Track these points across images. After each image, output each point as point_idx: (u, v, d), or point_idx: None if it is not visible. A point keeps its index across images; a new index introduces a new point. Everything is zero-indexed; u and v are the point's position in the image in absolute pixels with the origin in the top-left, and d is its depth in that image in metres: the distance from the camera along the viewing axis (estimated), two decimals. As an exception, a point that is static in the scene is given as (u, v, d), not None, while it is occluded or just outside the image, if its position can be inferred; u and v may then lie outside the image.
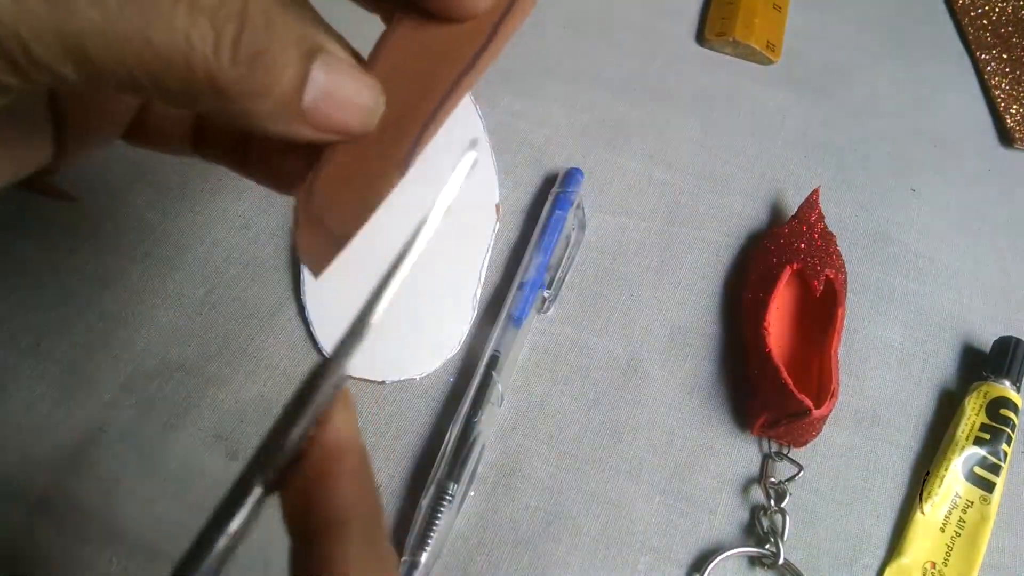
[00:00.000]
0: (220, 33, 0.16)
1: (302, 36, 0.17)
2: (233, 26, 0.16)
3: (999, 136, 0.51)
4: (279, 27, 0.17)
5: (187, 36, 0.16)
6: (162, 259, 0.41)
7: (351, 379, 0.38)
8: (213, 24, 0.16)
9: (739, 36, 0.53)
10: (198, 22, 0.16)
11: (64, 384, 0.37)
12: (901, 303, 0.43)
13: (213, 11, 0.16)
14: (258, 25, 0.16)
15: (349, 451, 0.17)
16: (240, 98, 0.17)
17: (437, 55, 0.20)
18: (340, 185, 0.20)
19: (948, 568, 0.35)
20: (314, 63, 0.17)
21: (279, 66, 0.17)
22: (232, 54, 0.16)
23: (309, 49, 0.17)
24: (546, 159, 0.47)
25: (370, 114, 0.19)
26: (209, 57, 0.16)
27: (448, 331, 0.40)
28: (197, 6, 0.16)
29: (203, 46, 0.16)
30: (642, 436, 0.38)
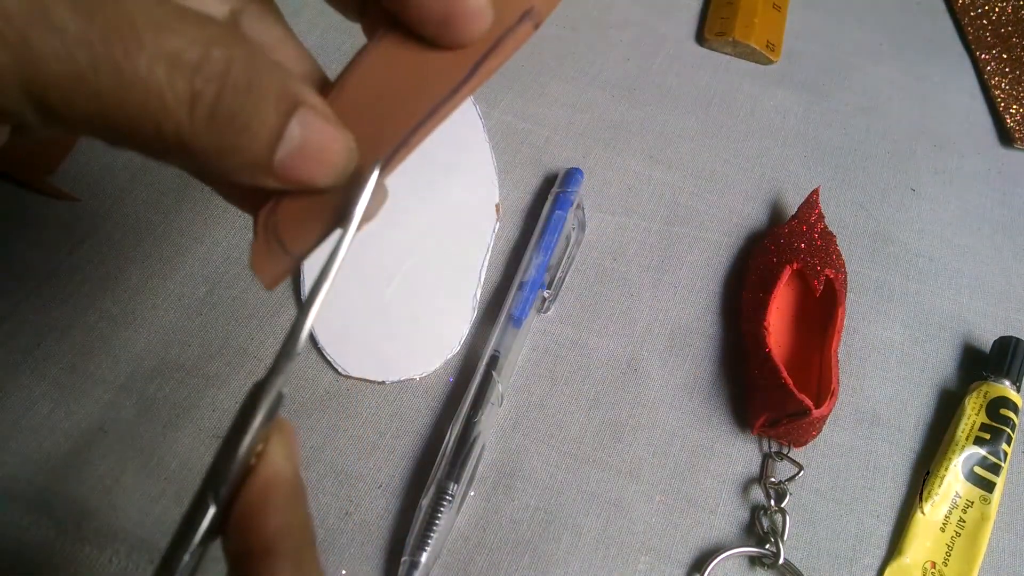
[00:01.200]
0: (198, 95, 0.15)
1: (282, 90, 0.17)
2: (213, 88, 0.15)
3: (999, 136, 0.51)
4: (261, 85, 0.16)
5: (161, 97, 0.15)
6: (162, 259, 0.41)
7: (351, 379, 0.38)
8: (192, 85, 0.15)
9: (739, 36, 0.53)
10: (176, 82, 0.15)
11: (64, 384, 0.37)
12: (901, 303, 0.43)
13: (194, 70, 0.15)
14: (240, 86, 0.16)
15: (282, 482, 0.18)
16: (208, 156, 0.16)
17: (417, 78, 0.20)
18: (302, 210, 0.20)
19: (948, 568, 0.35)
20: (291, 119, 0.17)
21: (255, 126, 0.16)
22: (208, 116, 0.15)
23: (288, 105, 0.17)
24: (546, 159, 0.47)
25: (340, 173, 0.18)
26: (182, 118, 0.15)
27: (448, 331, 0.40)
28: (177, 64, 0.15)
29: (177, 108, 0.15)
30: (642, 436, 0.38)
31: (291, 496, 0.18)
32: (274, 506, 0.18)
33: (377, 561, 0.34)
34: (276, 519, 0.18)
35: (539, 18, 0.20)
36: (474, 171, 0.45)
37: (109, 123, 0.15)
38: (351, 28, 0.23)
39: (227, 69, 0.15)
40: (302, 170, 0.18)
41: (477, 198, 0.44)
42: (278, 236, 0.19)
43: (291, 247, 0.20)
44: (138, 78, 0.15)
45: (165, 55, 0.15)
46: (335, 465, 0.36)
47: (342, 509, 0.35)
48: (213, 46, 0.15)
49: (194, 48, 0.15)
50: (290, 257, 0.20)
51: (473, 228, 0.43)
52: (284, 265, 0.20)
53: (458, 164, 0.45)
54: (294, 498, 0.18)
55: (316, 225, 0.19)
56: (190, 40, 0.15)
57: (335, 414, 0.37)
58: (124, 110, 0.15)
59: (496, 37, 0.20)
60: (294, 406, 0.37)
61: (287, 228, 0.20)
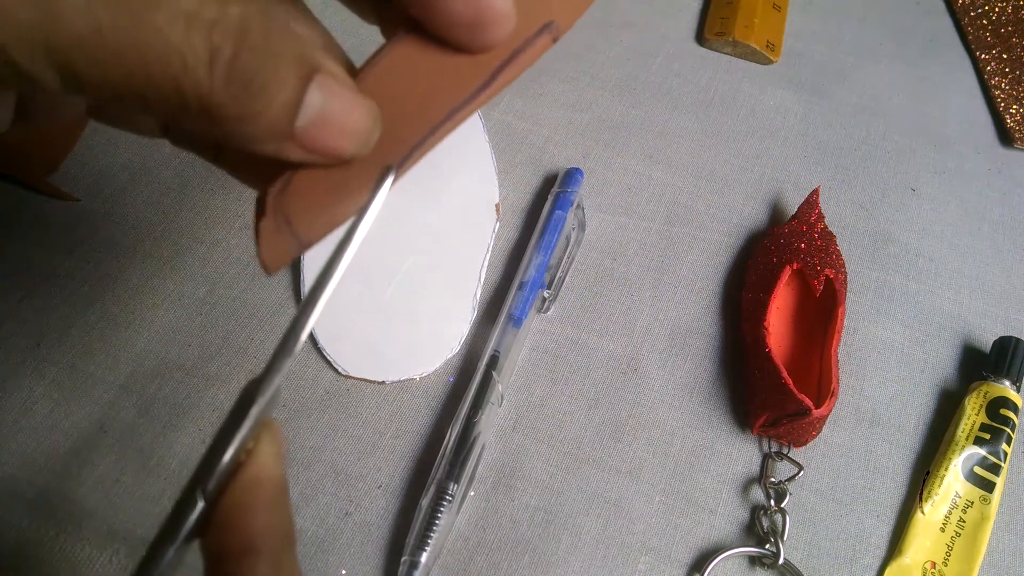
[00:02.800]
0: (216, 52, 0.15)
1: (300, 55, 0.16)
2: (230, 45, 0.15)
3: (999, 136, 0.51)
4: (278, 46, 0.16)
5: (181, 54, 0.15)
6: (162, 259, 0.41)
7: (351, 379, 0.38)
8: (210, 41, 0.15)
9: (739, 36, 0.53)
10: (194, 39, 0.15)
11: (64, 384, 0.37)
12: (901, 303, 0.43)
13: (211, 26, 0.15)
14: (256, 44, 0.15)
15: (267, 483, 0.18)
16: (229, 120, 0.16)
17: (437, 81, 0.20)
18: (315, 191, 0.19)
19: (948, 568, 0.35)
20: (310, 85, 0.17)
21: (273, 89, 0.16)
22: (226, 75, 0.15)
23: (307, 70, 0.16)
24: (546, 159, 0.47)
25: (364, 141, 0.18)
26: (202, 78, 0.15)
27: (448, 331, 0.40)
28: (195, 21, 0.15)
29: (197, 66, 0.15)
30: (642, 436, 0.38)
31: (277, 497, 0.18)
32: (259, 505, 0.18)
33: (377, 561, 0.34)
34: (260, 518, 0.18)
35: (558, 32, 0.20)
36: (474, 171, 0.45)
37: (131, 84, 0.15)
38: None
39: (244, 27, 0.15)
40: (326, 137, 0.17)
41: (477, 198, 0.44)
42: (288, 217, 0.19)
43: (300, 231, 0.19)
44: (158, 35, 0.14)
45: (183, 12, 0.15)
46: (335, 465, 0.36)
47: (342, 509, 0.35)
48: (230, 4, 0.15)
49: (211, 6, 0.15)
50: (297, 241, 0.19)
51: (473, 228, 0.43)
52: (290, 249, 0.19)
53: (458, 164, 0.45)
54: (279, 499, 0.18)
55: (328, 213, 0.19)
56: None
57: (335, 414, 0.37)
58: (145, 69, 0.15)
59: (515, 47, 0.20)
60: (294, 406, 0.37)
61: (298, 211, 0.19)
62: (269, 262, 0.19)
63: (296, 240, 0.19)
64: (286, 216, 0.19)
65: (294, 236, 0.19)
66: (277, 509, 0.18)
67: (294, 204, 0.19)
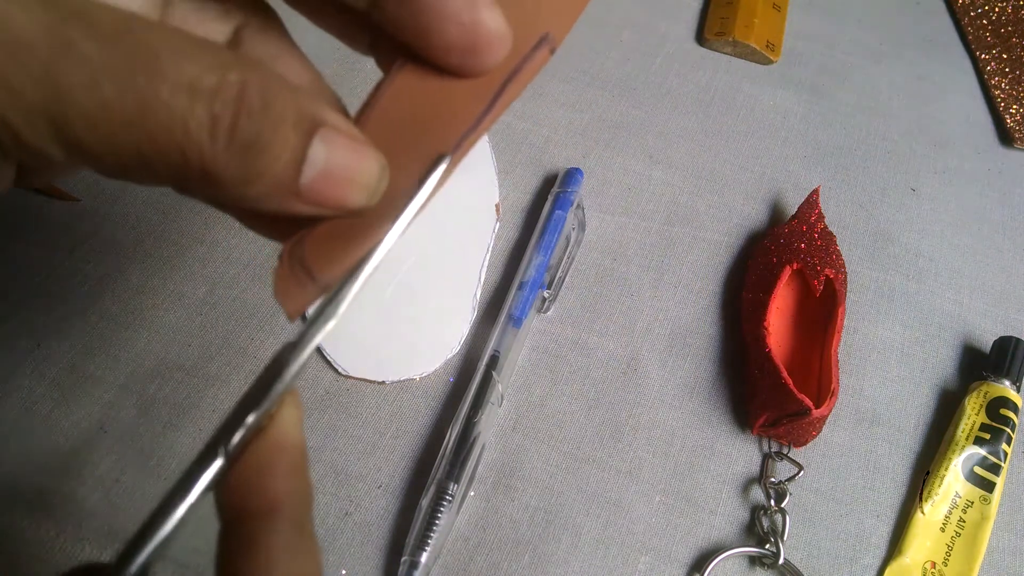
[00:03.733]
0: (216, 119, 0.15)
1: (301, 112, 0.16)
2: (230, 111, 0.15)
3: (999, 136, 0.51)
4: (277, 106, 0.16)
5: (184, 124, 0.15)
6: (162, 259, 0.41)
7: (351, 379, 0.38)
8: (210, 110, 0.15)
9: (739, 36, 0.53)
10: (196, 109, 0.15)
11: (64, 384, 0.37)
12: (901, 303, 0.43)
13: (211, 95, 0.15)
14: (255, 108, 0.15)
15: (290, 447, 0.18)
16: (233, 184, 0.16)
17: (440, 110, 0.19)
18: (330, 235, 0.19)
19: (948, 568, 0.35)
20: (313, 141, 0.17)
21: (275, 149, 0.16)
22: (227, 141, 0.15)
23: (309, 125, 0.16)
24: (546, 159, 0.47)
25: (372, 192, 0.18)
26: (205, 145, 0.15)
27: (448, 331, 0.40)
28: (196, 90, 0.15)
29: (199, 134, 0.15)
30: (642, 436, 0.38)
31: (299, 461, 0.19)
32: (282, 468, 0.18)
33: (377, 561, 0.34)
34: (282, 481, 0.18)
35: (555, 43, 0.20)
36: (474, 171, 0.45)
37: (137, 153, 0.15)
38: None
39: (242, 92, 0.15)
40: (332, 191, 0.17)
41: (477, 198, 0.44)
42: (304, 263, 0.19)
43: (318, 274, 0.19)
44: (162, 105, 0.15)
45: (185, 82, 0.15)
46: (335, 465, 0.36)
47: (342, 509, 0.35)
48: (228, 71, 0.15)
49: (211, 74, 0.15)
50: (317, 285, 0.19)
51: (473, 228, 0.43)
52: (310, 293, 0.19)
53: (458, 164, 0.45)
54: (301, 464, 0.19)
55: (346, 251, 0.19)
56: (207, 66, 0.15)
57: (335, 414, 0.37)
58: (150, 139, 0.15)
59: (514, 65, 0.20)
60: (294, 406, 0.37)
61: (315, 254, 0.19)
62: (290, 309, 0.19)
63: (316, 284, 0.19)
64: (303, 263, 0.19)
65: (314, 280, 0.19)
66: (299, 473, 0.18)
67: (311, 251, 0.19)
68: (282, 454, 0.18)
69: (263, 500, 0.18)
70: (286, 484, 0.18)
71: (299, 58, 0.22)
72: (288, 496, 0.18)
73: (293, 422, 0.19)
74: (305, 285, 0.19)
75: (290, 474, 0.18)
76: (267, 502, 0.18)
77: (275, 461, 0.18)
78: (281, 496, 0.18)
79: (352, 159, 0.17)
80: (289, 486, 0.18)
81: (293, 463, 0.18)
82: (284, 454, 0.18)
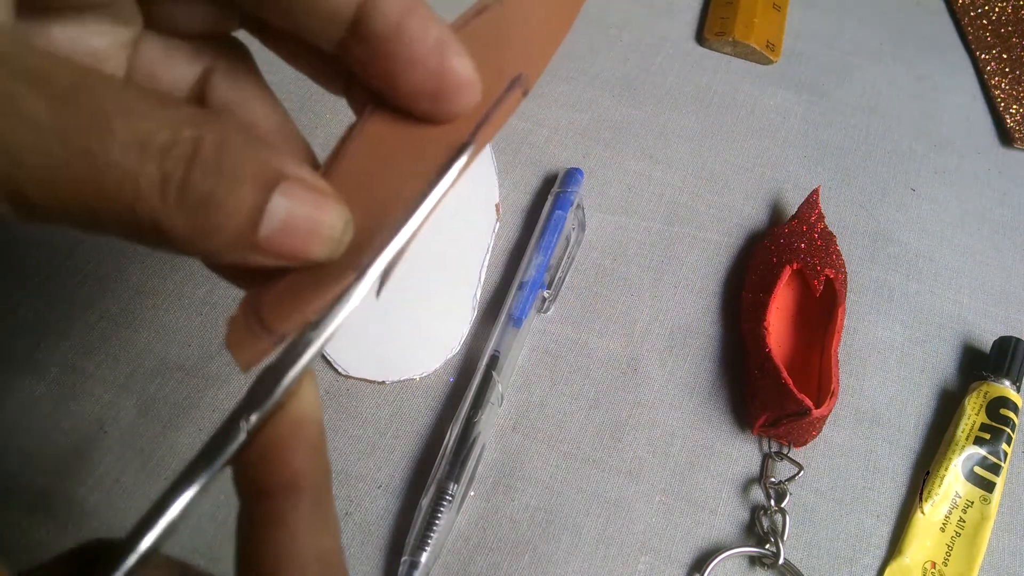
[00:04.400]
0: (167, 175, 0.15)
1: (261, 167, 0.16)
2: (181, 168, 0.15)
3: (999, 136, 0.51)
4: (234, 162, 0.16)
5: (135, 182, 0.15)
6: (162, 259, 0.41)
7: (351, 379, 0.38)
8: (161, 167, 0.15)
9: (739, 36, 0.53)
10: (147, 166, 0.15)
11: (64, 384, 0.37)
12: (901, 303, 0.43)
13: (163, 153, 0.15)
14: (208, 164, 0.15)
15: (310, 424, 0.18)
16: (187, 241, 0.16)
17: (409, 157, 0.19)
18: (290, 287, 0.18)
19: (948, 568, 0.35)
20: (274, 193, 0.16)
21: (230, 205, 0.16)
22: (178, 198, 0.15)
23: (269, 179, 0.16)
24: (546, 159, 0.47)
25: (336, 243, 0.18)
26: (155, 201, 0.15)
27: (448, 331, 0.40)
28: (147, 147, 0.15)
29: (150, 191, 0.15)
30: (642, 436, 0.38)
31: (319, 438, 0.19)
32: (303, 445, 0.18)
33: (377, 561, 0.34)
34: (303, 457, 0.18)
35: (528, 84, 0.20)
36: (474, 171, 0.45)
37: (87, 211, 0.15)
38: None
39: (196, 149, 0.15)
40: (292, 244, 0.17)
41: (477, 198, 0.44)
42: (260, 315, 0.18)
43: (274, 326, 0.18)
44: (112, 165, 0.15)
45: (136, 140, 0.15)
46: (335, 465, 0.36)
47: (342, 509, 0.35)
48: (183, 127, 0.15)
49: (164, 131, 0.15)
50: (272, 337, 0.18)
51: (473, 228, 0.43)
52: (264, 346, 0.18)
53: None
54: (320, 441, 0.19)
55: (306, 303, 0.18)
56: (160, 123, 0.15)
57: (335, 414, 0.37)
58: (100, 197, 0.15)
59: (486, 110, 0.19)
60: (294, 406, 0.37)
61: (273, 305, 0.18)
62: (242, 361, 0.18)
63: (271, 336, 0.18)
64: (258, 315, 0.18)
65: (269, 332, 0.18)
66: (318, 450, 0.18)
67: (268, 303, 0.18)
68: (302, 430, 0.18)
69: (284, 476, 0.18)
70: (306, 460, 0.18)
71: (268, 101, 0.22)
72: (308, 472, 0.18)
73: (312, 399, 0.19)
74: (259, 337, 0.18)
75: (310, 450, 0.18)
76: (288, 478, 0.18)
77: (295, 437, 0.18)
78: (302, 472, 0.18)
79: (314, 212, 0.17)
80: (309, 462, 0.18)
81: (313, 440, 0.18)
82: (304, 430, 0.18)
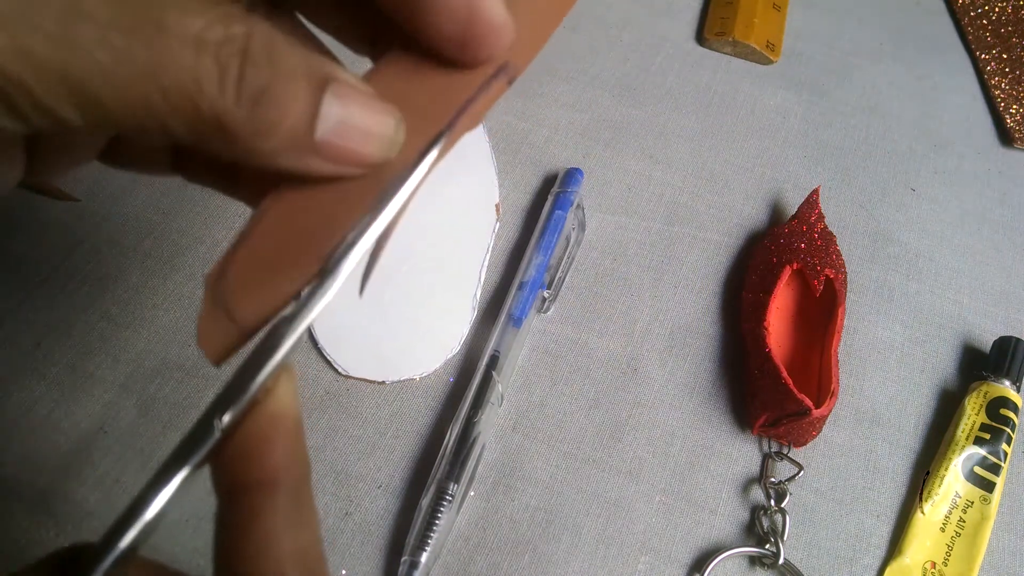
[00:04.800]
0: (224, 71, 0.15)
1: (311, 67, 0.17)
2: (236, 63, 0.16)
3: (999, 136, 0.51)
4: (284, 60, 0.16)
5: (195, 75, 0.15)
6: (162, 259, 0.41)
7: (351, 379, 0.38)
8: (217, 62, 0.15)
9: (739, 36, 0.53)
10: (204, 61, 0.15)
11: (64, 384, 0.37)
12: (901, 303, 0.43)
13: (217, 48, 0.15)
14: (260, 60, 0.16)
15: (286, 418, 0.18)
16: (247, 137, 0.16)
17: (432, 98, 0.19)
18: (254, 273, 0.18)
19: (948, 568, 0.35)
20: (325, 94, 0.17)
21: (286, 101, 0.16)
22: (236, 92, 0.16)
23: (320, 80, 0.17)
24: (546, 159, 0.47)
25: (390, 143, 0.18)
26: (216, 96, 0.16)
27: (448, 331, 0.40)
28: (203, 43, 0.15)
29: (209, 85, 0.15)
30: (642, 436, 0.38)
31: (296, 432, 0.18)
32: (280, 439, 0.18)
33: (377, 561, 0.34)
34: (280, 452, 0.18)
35: (514, 73, 0.20)
36: (474, 171, 0.45)
37: (152, 109, 0.15)
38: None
39: (247, 44, 0.16)
40: (349, 145, 0.17)
41: (477, 198, 0.44)
42: (225, 302, 0.18)
43: (240, 316, 0.18)
44: (171, 59, 0.15)
45: (192, 35, 0.15)
46: (335, 465, 0.36)
47: (342, 509, 0.35)
48: (233, 23, 0.16)
49: (216, 27, 0.16)
50: (238, 328, 0.18)
51: (473, 228, 0.43)
52: (231, 337, 0.18)
53: (458, 164, 0.45)
54: (298, 436, 0.19)
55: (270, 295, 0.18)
56: (211, 19, 0.16)
57: (335, 414, 0.37)
58: (163, 93, 0.15)
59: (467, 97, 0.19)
60: (294, 406, 0.37)
61: (237, 293, 0.18)
62: (211, 353, 0.18)
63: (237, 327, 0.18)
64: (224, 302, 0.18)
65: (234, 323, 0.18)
66: (296, 445, 0.18)
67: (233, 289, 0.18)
68: (279, 426, 0.18)
69: (261, 472, 0.18)
70: (284, 456, 0.18)
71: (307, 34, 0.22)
72: (286, 468, 0.18)
73: (289, 394, 0.19)
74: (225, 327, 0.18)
75: (288, 446, 0.18)
76: (265, 474, 0.18)
77: (273, 433, 0.18)
78: (279, 468, 0.18)
79: (367, 113, 0.17)
80: (287, 458, 0.18)
81: (290, 435, 0.18)
82: (281, 426, 0.18)
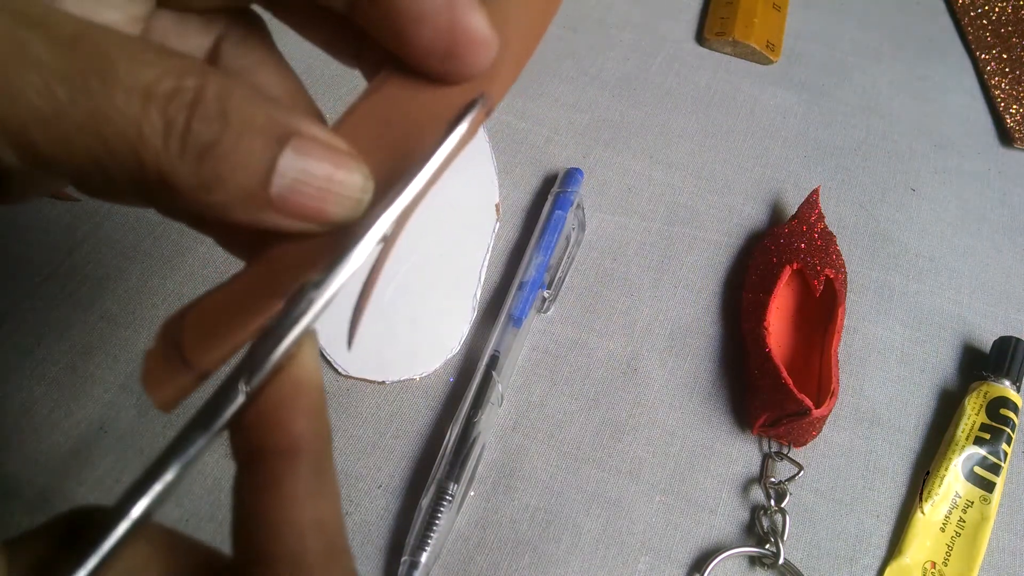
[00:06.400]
0: (170, 124, 0.15)
1: (270, 120, 0.16)
2: (183, 116, 0.15)
3: (999, 136, 0.51)
4: (238, 113, 0.16)
5: (138, 128, 0.15)
6: (162, 259, 0.41)
7: (351, 379, 0.38)
8: (164, 114, 0.15)
9: (739, 36, 0.53)
10: (150, 113, 0.15)
11: (64, 384, 0.37)
12: (901, 303, 0.43)
13: (166, 100, 0.15)
14: (211, 113, 0.15)
15: (309, 386, 0.18)
16: (191, 190, 0.16)
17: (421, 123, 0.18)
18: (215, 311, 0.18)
19: (948, 568, 0.35)
20: (285, 149, 0.16)
21: (236, 155, 0.16)
22: (181, 145, 0.15)
23: (280, 134, 0.16)
24: (546, 159, 0.47)
25: (356, 204, 0.17)
26: (159, 149, 0.15)
27: (448, 331, 0.40)
28: (151, 95, 0.15)
29: (153, 138, 0.15)
30: (642, 436, 0.38)
31: (318, 401, 0.18)
32: (303, 407, 0.18)
33: (377, 561, 0.34)
34: (303, 420, 0.18)
35: (491, 104, 0.19)
36: (474, 171, 0.45)
37: (93, 158, 0.15)
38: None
39: (198, 98, 0.15)
40: (308, 202, 0.17)
41: (477, 198, 0.44)
42: (179, 345, 0.17)
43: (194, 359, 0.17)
44: (115, 110, 0.15)
45: (140, 87, 0.15)
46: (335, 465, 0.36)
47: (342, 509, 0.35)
48: (187, 76, 0.15)
49: (167, 79, 0.15)
50: (192, 373, 0.17)
51: (473, 228, 0.43)
52: (182, 383, 0.17)
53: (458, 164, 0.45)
54: (320, 404, 0.18)
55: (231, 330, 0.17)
56: (163, 71, 0.15)
57: (335, 414, 0.37)
58: (105, 144, 0.15)
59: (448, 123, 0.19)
60: (294, 406, 0.37)
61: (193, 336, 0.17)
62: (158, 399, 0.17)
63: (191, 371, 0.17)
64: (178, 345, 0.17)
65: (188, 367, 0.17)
66: (319, 413, 0.18)
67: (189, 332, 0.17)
68: (302, 393, 0.18)
69: (283, 440, 0.17)
70: (306, 424, 0.18)
71: (280, 68, 0.22)
72: (308, 436, 0.18)
73: (312, 361, 0.18)
74: (178, 372, 0.17)
75: (310, 414, 0.18)
76: (287, 442, 0.17)
77: (295, 400, 0.18)
78: (301, 436, 0.17)
79: (329, 170, 0.17)
80: (309, 426, 0.18)
81: (313, 403, 0.18)
82: (304, 393, 0.18)
